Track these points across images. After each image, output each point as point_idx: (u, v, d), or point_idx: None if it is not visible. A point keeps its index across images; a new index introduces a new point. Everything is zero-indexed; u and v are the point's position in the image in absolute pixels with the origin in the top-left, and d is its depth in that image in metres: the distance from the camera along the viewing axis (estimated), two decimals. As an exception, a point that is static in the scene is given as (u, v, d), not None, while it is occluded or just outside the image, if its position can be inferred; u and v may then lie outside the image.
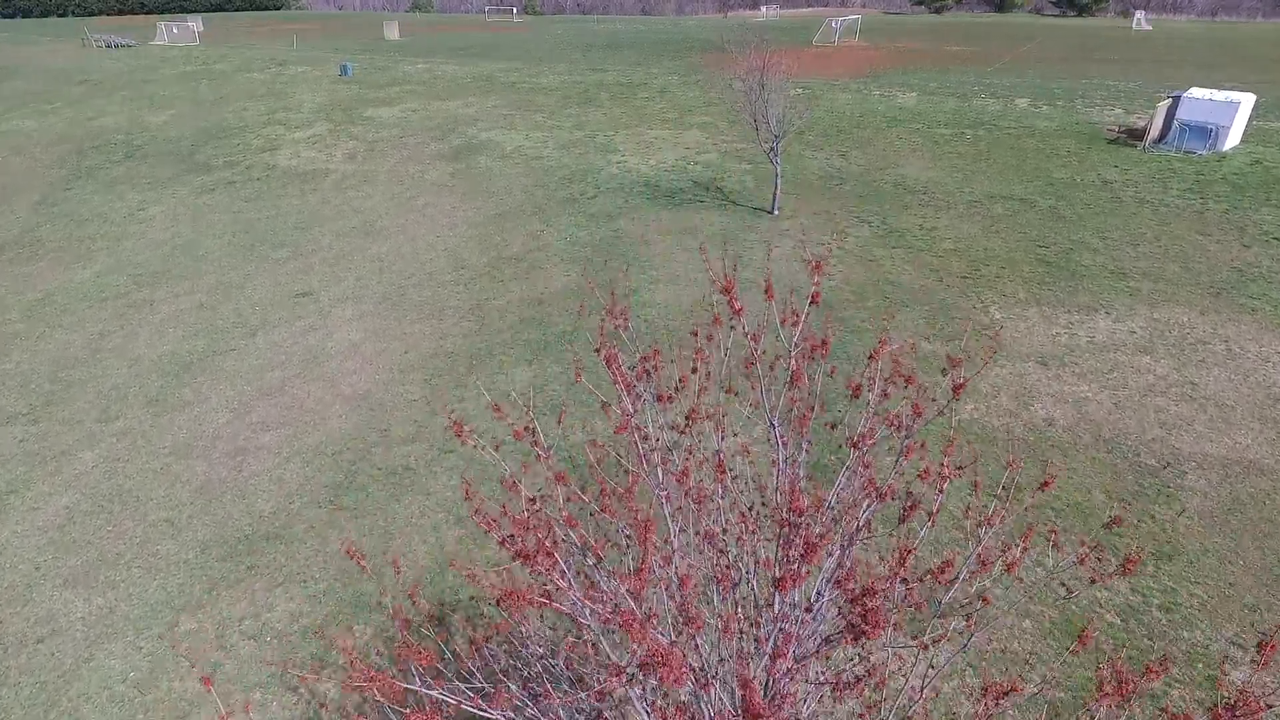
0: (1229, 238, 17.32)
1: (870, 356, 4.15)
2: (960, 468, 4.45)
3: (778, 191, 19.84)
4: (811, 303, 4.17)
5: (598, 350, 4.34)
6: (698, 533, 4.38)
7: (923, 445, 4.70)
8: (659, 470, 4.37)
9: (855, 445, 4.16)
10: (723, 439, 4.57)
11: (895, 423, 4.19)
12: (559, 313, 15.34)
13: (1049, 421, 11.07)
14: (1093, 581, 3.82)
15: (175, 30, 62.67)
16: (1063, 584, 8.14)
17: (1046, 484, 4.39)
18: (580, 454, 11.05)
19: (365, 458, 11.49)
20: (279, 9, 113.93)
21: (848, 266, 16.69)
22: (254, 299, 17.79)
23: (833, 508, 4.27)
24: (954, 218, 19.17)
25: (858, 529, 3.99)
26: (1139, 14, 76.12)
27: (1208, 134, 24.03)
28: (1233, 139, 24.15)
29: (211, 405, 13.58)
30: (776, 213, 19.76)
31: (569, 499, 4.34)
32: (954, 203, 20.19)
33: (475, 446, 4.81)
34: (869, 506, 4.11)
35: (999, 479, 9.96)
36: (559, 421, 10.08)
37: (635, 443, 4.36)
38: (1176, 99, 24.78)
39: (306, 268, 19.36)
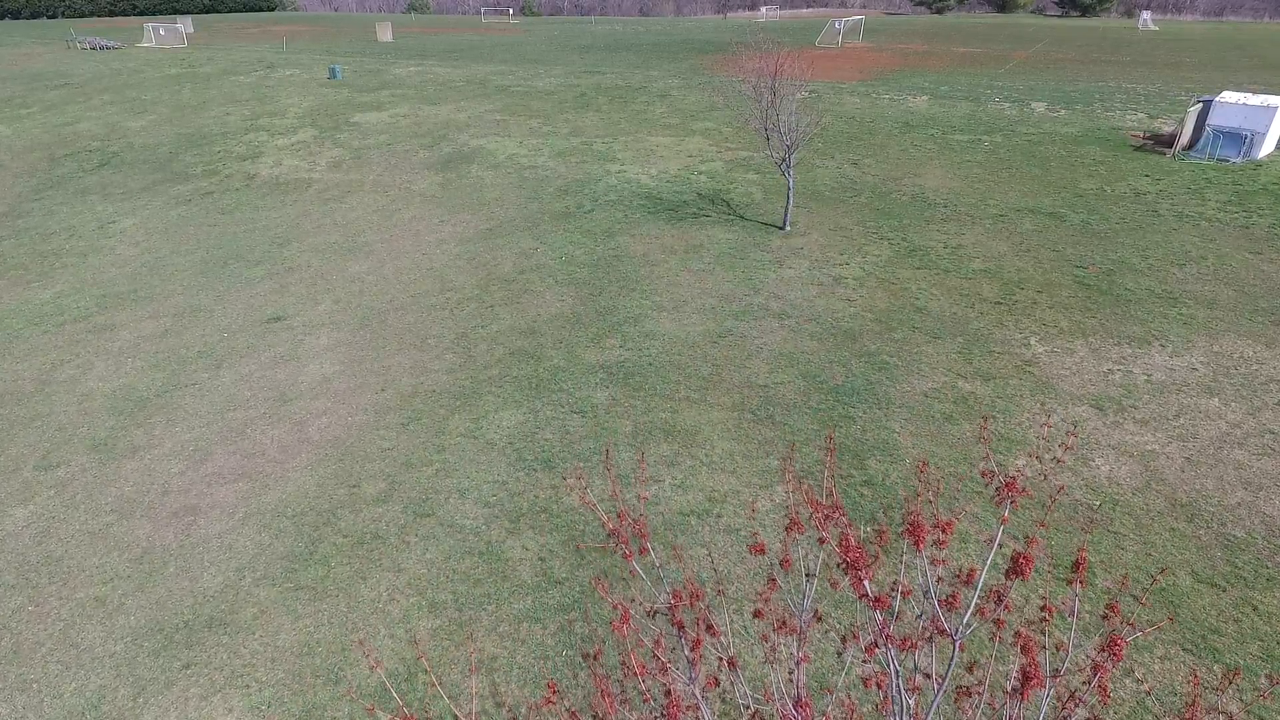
0: (1282, 256, 15.93)
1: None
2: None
3: (789, 205, 18.41)
4: (1016, 573, 2.56)
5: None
6: None
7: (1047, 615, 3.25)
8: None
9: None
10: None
11: None
12: (552, 344, 13.90)
13: (1113, 480, 9.65)
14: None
15: (162, 32, 61.16)
16: None
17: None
18: (580, 519, 9.63)
19: (330, 521, 10.04)
20: (271, 10, 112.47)
21: (869, 290, 15.26)
22: (223, 325, 16.34)
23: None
24: (980, 234, 17.75)
25: None
26: (1144, 14, 74.93)
27: (1242, 140, 22.67)
28: (1268, 146, 22.80)
29: (165, 451, 12.13)
30: (788, 228, 18.33)
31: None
32: (978, 216, 18.78)
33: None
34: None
35: (1060, 553, 8.55)
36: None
37: None
38: (1208, 104, 23.41)
39: (281, 288, 17.91)
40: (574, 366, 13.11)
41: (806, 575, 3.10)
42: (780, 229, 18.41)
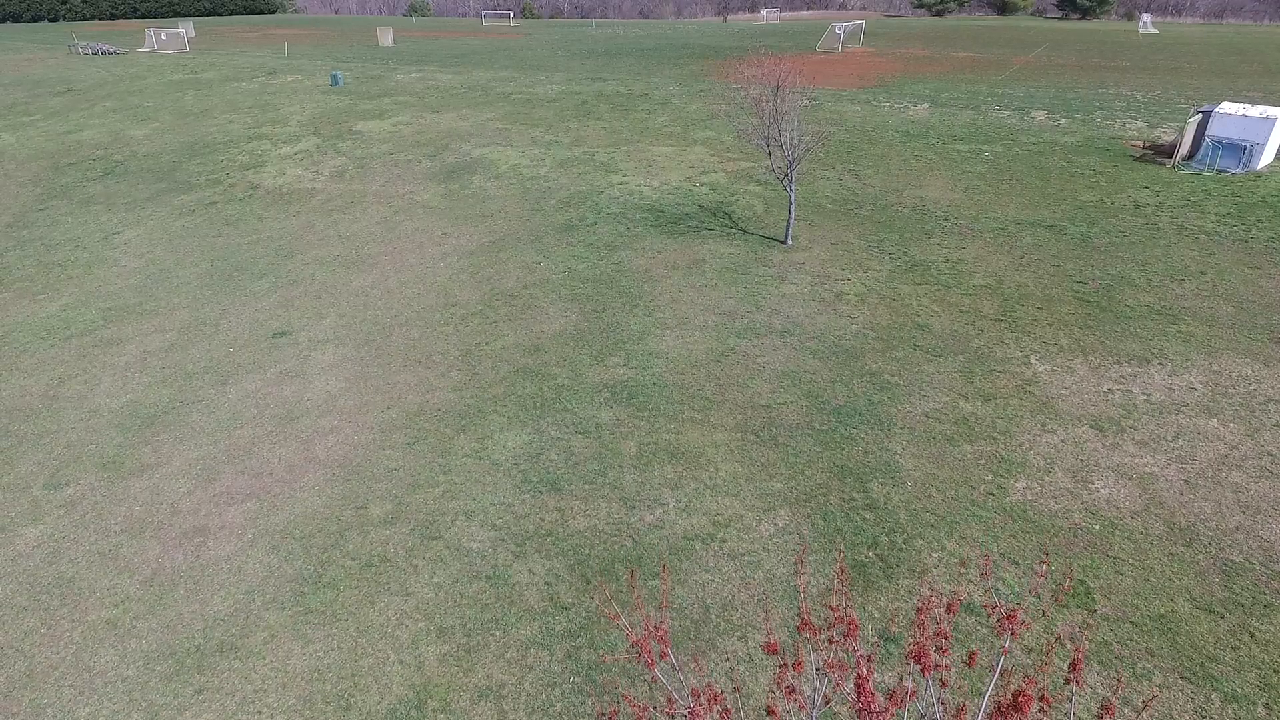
0: (1280, 271, 16.03)
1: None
2: None
3: (791, 219, 18.52)
4: (1015, 709, 2.73)
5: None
6: None
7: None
8: None
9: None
10: None
11: None
12: (556, 362, 14.01)
13: (1113, 504, 9.76)
14: None
15: (164, 37, 61.27)
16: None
17: None
18: (586, 543, 9.74)
19: (338, 543, 10.15)
20: (272, 13, 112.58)
21: (870, 307, 15.37)
22: (228, 339, 16.45)
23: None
24: (981, 248, 17.86)
25: None
26: (1145, 17, 75.08)
27: (1241, 152, 22.77)
28: (1267, 157, 22.89)
29: (173, 469, 12.24)
30: (790, 242, 18.44)
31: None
32: (979, 230, 18.89)
33: None
34: None
35: (1057, 577, 8.65)
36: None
37: None
38: (1207, 114, 23.52)
39: (286, 302, 18.02)
40: (578, 385, 13.22)
41: (817, 669, 3.22)
42: (782, 243, 18.52)
